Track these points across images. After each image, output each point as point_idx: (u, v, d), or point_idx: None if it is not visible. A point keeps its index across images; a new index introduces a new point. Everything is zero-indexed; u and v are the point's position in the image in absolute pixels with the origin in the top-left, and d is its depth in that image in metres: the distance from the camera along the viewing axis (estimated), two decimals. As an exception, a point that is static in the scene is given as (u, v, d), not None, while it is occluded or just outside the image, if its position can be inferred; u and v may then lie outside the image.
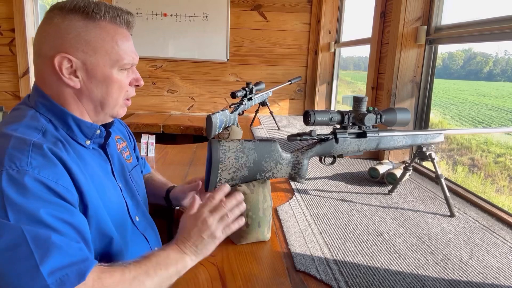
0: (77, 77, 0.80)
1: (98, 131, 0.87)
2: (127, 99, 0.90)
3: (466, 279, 0.86)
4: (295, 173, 1.07)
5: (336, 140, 1.13)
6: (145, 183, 1.17)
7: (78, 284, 0.62)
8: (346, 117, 1.13)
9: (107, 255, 0.83)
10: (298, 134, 1.07)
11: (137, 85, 0.89)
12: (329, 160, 1.19)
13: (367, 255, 0.95)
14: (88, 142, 0.86)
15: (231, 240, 1.00)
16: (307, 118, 1.08)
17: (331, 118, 1.10)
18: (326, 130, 1.17)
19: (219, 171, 0.95)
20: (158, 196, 1.17)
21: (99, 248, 0.81)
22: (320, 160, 1.20)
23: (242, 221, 0.87)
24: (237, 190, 0.97)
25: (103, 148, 0.91)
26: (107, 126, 0.92)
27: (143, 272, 0.71)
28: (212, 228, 0.81)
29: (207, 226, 0.81)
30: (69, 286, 0.61)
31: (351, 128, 1.16)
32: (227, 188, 0.88)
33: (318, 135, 1.09)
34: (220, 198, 0.86)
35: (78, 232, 0.69)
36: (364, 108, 1.14)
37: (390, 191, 1.40)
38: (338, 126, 1.16)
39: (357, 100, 1.14)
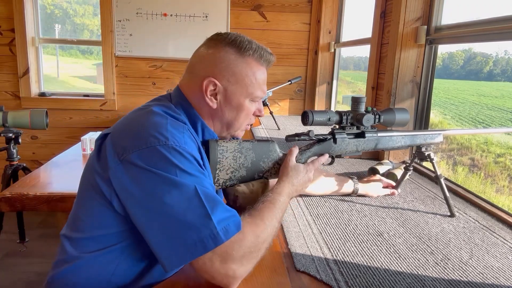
0: (216, 99, 0.94)
1: None
2: (248, 124, 1.02)
3: (466, 279, 0.86)
4: None
5: (335, 141, 1.13)
6: None
7: (237, 232, 0.76)
8: (344, 117, 1.13)
9: None
10: (296, 135, 1.07)
11: (259, 115, 1.02)
12: (327, 160, 1.19)
13: (367, 255, 0.95)
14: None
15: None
16: (305, 118, 1.09)
17: (329, 118, 1.10)
18: (325, 130, 1.17)
19: (217, 171, 0.95)
20: None
21: None
22: None
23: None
24: (237, 190, 0.97)
25: None
26: None
27: (273, 215, 0.87)
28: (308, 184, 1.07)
29: (309, 183, 1.06)
30: (231, 234, 0.75)
31: (350, 128, 1.15)
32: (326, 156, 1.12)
33: (316, 135, 1.09)
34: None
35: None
36: (362, 108, 1.14)
37: (391, 191, 1.40)
38: (336, 127, 1.16)
39: (355, 100, 1.14)
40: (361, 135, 1.17)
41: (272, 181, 1.03)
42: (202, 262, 0.74)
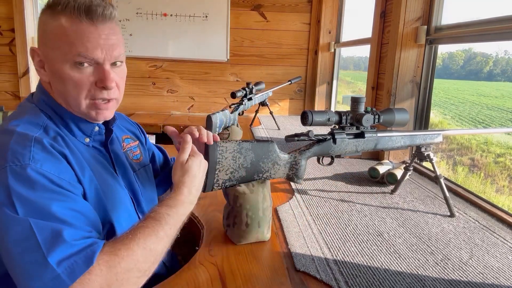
0: (45, 70, 0.81)
1: (97, 128, 0.87)
2: (97, 101, 0.81)
3: (466, 279, 0.86)
4: (293, 174, 1.07)
5: (334, 141, 1.13)
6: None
7: (88, 269, 0.63)
8: (344, 117, 1.13)
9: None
10: (296, 135, 1.07)
11: (103, 87, 0.80)
12: (327, 160, 1.19)
13: (367, 255, 0.95)
14: (87, 140, 0.86)
15: (231, 240, 1.00)
16: (304, 118, 1.08)
17: (329, 119, 1.10)
18: (325, 130, 1.17)
19: (216, 172, 0.95)
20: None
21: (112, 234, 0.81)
22: (318, 160, 1.20)
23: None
24: (237, 190, 0.97)
25: (105, 146, 0.91)
26: (108, 123, 0.90)
27: (154, 237, 0.71)
28: (194, 168, 0.85)
29: (188, 167, 0.84)
30: (79, 273, 0.62)
31: (349, 128, 1.15)
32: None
33: (315, 135, 1.09)
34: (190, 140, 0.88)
35: (85, 217, 0.70)
36: (362, 108, 1.14)
37: (393, 191, 1.40)
38: (336, 127, 1.16)
39: (355, 101, 1.14)
40: (360, 135, 1.17)
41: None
42: None
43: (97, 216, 0.74)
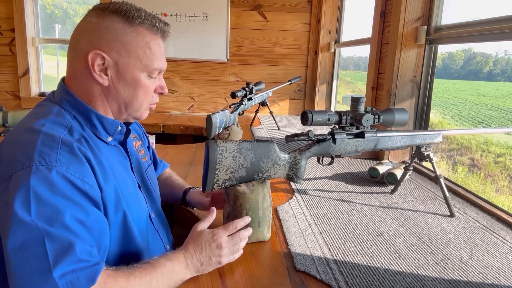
0: (107, 75, 0.82)
1: (119, 128, 0.90)
2: (152, 104, 0.91)
3: (466, 279, 0.86)
4: (293, 174, 1.06)
5: (334, 141, 1.13)
6: (164, 181, 1.22)
7: (89, 286, 0.63)
8: (344, 117, 1.13)
9: (128, 252, 0.85)
10: (296, 135, 1.07)
11: (161, 93, 0.91)
12: (327, 160, 1.19)
13: (367, 255, 0.95)
14: (109, 139, 0.88)
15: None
16: (304, 118, 1.08)
17: (329, 119, 1.10)
18: (325, 130, 1.17)
19: (216, 172, 0.94)
20: (175, 197, 1.20)
21: (122, 245, 0.84)
22: (318, 160, 1.19)
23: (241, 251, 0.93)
24: (237, 190, 0.97)
25: (123, 145, 0.94)
26: (127, 123, 0.94)
27: (147, 281, 0.73)
28: (223, 254, 0.86)
29: (220, 251, 0.86)
30: None
31: (349, 128, 1.15)
32: (248, 219, 0.96)
33: (315, 135, 1.09)
34: (240, 227, 0.93)
35: (93, 235, 0.70)
36: (362, 108, 1.14)
37: (393, 191, 1.40)
38: (336, 127, 1.16)
39: (355, 101, 1.14)
40: (360, 135, 1.17)
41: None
42: None
43: (103, 232, 0.74)
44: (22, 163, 0.68)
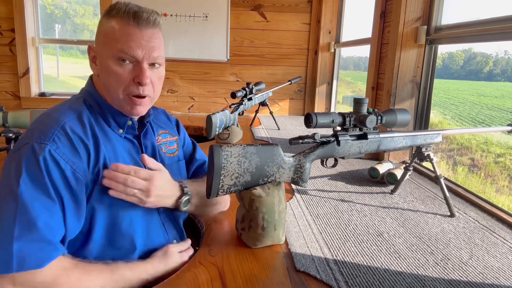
0: (96, 64, 0.93)
1: (130, 122, 0.96)
2: (132, 97, 0.91)
3: (466, 279, 0.86)
4: (298, 177, 1.04)
5: (338, 143, 1.12)
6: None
7: (34, 268, 0.71)
8: (347, 119, 1.11)
9: (116, 240, 0.89)
10: (300, 137, 1.04)
11: (139, 82, 0.90)
12: (331, 162, 1.18)
13: (367, 255, 0.95)
14: (120, 131, 0.95)
15: (231, 241, 1.00)
16: (308, 121, 1.05)
17: (333, 121, 1.08)
18: (324, 132, 1.16)
19: (221, 177, 0.92)
20: None
21: (109, 231, 0.88)
22: (322, 163, 1.18)
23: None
24: (253, 193, 0.95)
25: (137, 137, 0.99)
26: (143, 117, 1.00)
27: (99, 284, 0.79)
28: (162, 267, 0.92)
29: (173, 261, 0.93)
30: (27, 267, 0.70)
31: (352, 130, 1.14)
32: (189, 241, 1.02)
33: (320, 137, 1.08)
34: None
35: (60, 224, 0.78)
36: (364, 109, 1.13)
37: (393, 191, 1.40)
38: (339, 128, 1.15)
39: (358, 102, 1.12)
40: (363, 136, 1.15)
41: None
42: None
43: (74, 224, 0.82)
44: (28, 138, 0.81)
